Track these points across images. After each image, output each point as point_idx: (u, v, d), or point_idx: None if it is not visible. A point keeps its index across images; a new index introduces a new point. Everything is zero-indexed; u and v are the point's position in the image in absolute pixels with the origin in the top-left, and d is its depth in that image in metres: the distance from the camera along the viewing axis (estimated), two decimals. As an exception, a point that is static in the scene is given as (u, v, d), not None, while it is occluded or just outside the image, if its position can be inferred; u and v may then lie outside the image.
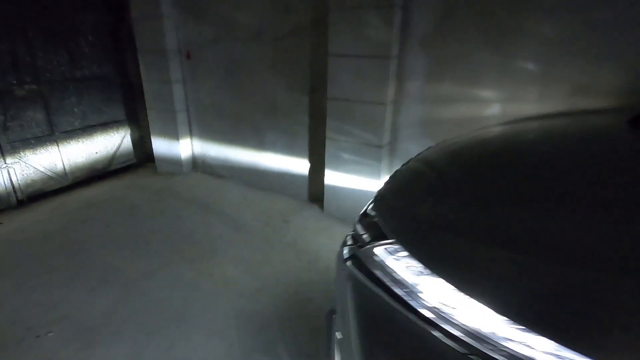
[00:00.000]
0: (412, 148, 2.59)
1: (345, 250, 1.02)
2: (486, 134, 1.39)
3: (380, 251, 0.87)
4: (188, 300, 2.04)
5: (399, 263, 0.81)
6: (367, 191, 2.72)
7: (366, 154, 2.64)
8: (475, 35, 2.13)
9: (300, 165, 3.24)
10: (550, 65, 1.96)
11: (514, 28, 2.01)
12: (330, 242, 2.63)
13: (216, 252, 2.51)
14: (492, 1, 2.04)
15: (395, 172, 1.31)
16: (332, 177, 2.89)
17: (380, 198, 1.14)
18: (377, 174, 2.64)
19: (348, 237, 1.08)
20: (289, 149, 3.25)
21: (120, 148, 3.97)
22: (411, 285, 0.76)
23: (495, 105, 2.19)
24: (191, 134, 3.89)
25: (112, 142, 3.88)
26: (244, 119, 3.41)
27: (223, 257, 2.45)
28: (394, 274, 0.80)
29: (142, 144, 4.23)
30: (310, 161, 3.17)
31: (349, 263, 0.95)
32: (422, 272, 0.76)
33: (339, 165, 2.81)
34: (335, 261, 1.19)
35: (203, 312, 1.95)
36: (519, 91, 2.09)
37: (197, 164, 4.00)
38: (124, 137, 3.99)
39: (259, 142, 3.42)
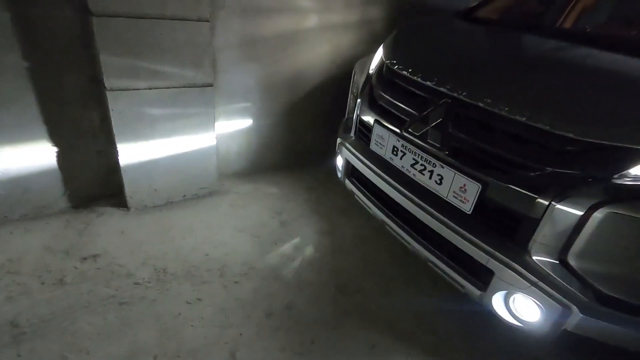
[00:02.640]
0: (237, 79, 2.06)
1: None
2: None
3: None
4: None
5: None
6: (198, 150, 1.96)
7: (191, 100, 1.80)
8: None
9: (27, 156, 1.66)
10: (352, -25, 2.11)
11: None
12: (207, 244, 1.82)
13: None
14: None
15: None
16: (134, 152, 1.78)
17: None
18: (209, 124, 1.93)
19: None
20: (-17, 133, 1.53)
21: None
22: None
23: (313, 16, 2.11)
24: None
25: None
26: None
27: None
28: None
29: None
30: (55, 142, 1.70)
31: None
32: None
33: (142, 130, 1.75)
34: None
35: None
36: (330, 1, 2.12)
37: None
38: None
39: None
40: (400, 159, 1.39)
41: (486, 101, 1.14)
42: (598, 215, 0.96)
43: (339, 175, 1.89)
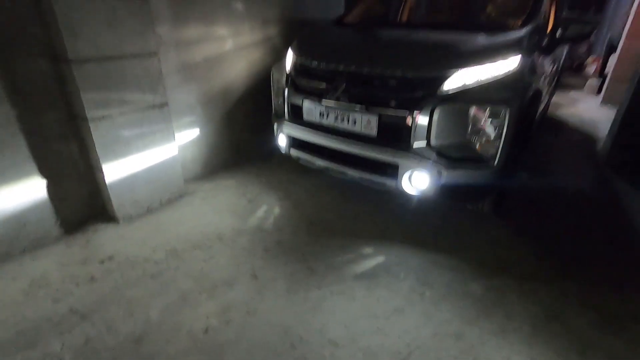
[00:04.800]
0: (182, 97, 2.54)
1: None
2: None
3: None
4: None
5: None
6: (166, 160, 2.39)
7: (153, 119, 2.24)
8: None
9: (22, 193, 1.91)
10: (251, 6, 2.77)
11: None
12: (198, 226, 2.26)
13: None
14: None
15: None
16: (116, 170, 2.14)
17: None
18: (170, 136, 2.38)
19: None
20: (-18, 178, 1.75)
21: None
22: None
23: (229, 41, 2.71)
24: None
25: None
26: None
27: None
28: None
29: None
30: (44, 175, 1.97)
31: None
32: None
33: (120, 150, 2.13)
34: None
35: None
36: (238, 26, 2.75)
37: None
38: None
39: None
40: (326, 118, 2.10)
41: (366, 68, 1.93)
42: (436, 113, 1.80)
43: (283, 150, 2.52)
